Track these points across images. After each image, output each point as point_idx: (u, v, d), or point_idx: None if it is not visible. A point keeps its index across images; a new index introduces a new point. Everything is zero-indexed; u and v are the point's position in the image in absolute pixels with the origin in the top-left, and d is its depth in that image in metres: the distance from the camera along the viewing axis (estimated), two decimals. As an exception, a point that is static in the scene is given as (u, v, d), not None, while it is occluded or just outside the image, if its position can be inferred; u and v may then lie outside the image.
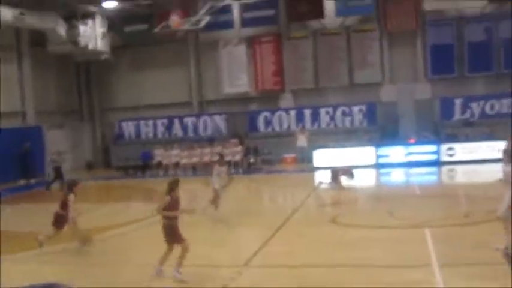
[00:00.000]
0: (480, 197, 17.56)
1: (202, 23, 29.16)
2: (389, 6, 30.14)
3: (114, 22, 31.86)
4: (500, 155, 25.28)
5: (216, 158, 18.39)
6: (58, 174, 24.80)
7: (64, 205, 12.43)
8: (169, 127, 33.12)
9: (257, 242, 12.50)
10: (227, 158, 27.82)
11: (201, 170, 27.86)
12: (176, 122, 33.05)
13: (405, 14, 29.96)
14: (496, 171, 24.03)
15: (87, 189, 24.30)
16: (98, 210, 18.85)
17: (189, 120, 32.94)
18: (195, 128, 32.74)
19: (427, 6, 29.45)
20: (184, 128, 32.89)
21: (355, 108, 30.50)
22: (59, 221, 12.45)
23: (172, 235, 9.98)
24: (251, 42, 32.76)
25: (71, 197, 12.41)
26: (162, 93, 33.78)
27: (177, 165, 28.66)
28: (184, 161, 28.62)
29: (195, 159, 28.54)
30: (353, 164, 22.66)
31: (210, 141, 29.86)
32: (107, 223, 15.98)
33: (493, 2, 29.21)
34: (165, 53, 33.72)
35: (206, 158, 28.19)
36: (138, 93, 34.26)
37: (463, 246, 11.27)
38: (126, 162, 30.71)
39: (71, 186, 12.71)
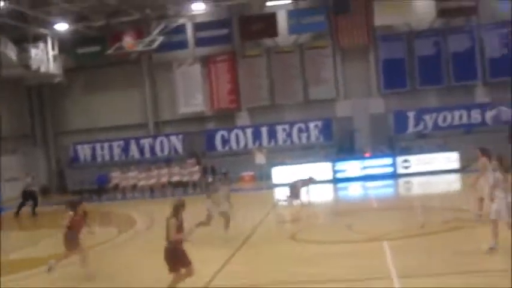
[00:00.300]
0: (436, 207, 17.88)
1: (156, 44, 29.11)
2: (341, 23, 30.60)
3: (67, 44, 31.50)
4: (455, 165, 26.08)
5: (219, 177, 17.31)
6: (31, 197, 24.30)
7: (71, 225, 11.75)
8: (125, 149, 32.75)
9: (218, 261, 12.39)
10: (184, 179, 27.76)
11: (158, 191, 27.67)
12: (132, 143, 32.73)
13: (357, 30, 30.46)
14: (451, 182, 24.63)
15: (43, 215, 23.81)
16: (54, 236, 18.38)
17: (146, 142, 32.66)
18: (152, 149, 32.47)
19: (378, 21, 30.02)
20: (141, 149, 32.58)
21: (311, 125, 30.73)
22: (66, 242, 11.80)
23: (176, 259, 9.31)
24: (206, 61, 32.78)
25: (68, 214, 11.73)
26: (117, 115, 33.46)
27: (134, 187, 28.32)
28: (141, 183, 28.28)
29: (152, 181, 28.24)
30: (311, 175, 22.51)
31: (167, 162, 29.63)
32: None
33: (441, 16, 30.00)
34: (119, 74, 33.47)
35: (164, 179, 28.01)
36: (92, 115, 33.83)
37: (421, 257, 11.39)
38: (81, 186, 30.18)
39: (74, 205, 12.03)
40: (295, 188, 20.31)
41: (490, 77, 29.91)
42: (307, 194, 20.69)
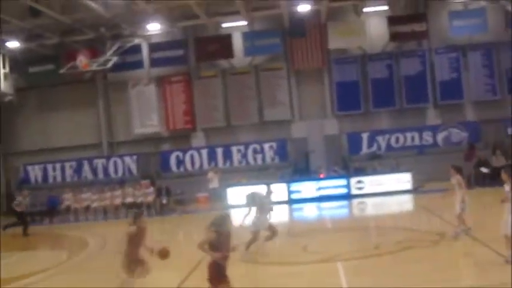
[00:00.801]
0: (390, 228, 18.07)
1: (110, 63, 28.83)
2: (296, 45, 30.94)
3: (19, 63, 30.92)
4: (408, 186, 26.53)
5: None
6: (21, 218, 23.87)
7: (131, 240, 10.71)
8: (78, 170, 32.23)
9: (172, 283, 12.22)
10: (138, 200, 27.38)
11: (112, 213, 27.24)
12: (85, 164, 32.22)
13: (311, 53, 30.84)
14: (403, 202, 24.98)
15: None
16: (2, 260, 17.88)
17: (99, 162, 32.20)
18: (105, 170, 32.03)
19: (332, 44, 30.49)
20: (94, 170, 32.10)
21: (266, 146, 30.87)
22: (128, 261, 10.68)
23: (218, 275, 8.82)
24: (161, 82, 32.66)
25: (132, 229, 10.65)
26: (70, 135, 32.96)
27: (87, 209, 27.81)
28: (94, 204, 27.81)
29: (105, 202, 27.78)
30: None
31: (121, 183, 29.25)
32: (13, 274, 15.12)
33: (393, 40, 30.66)
34: (73, 93, 33.01)
35: (117, 201, 27.58)
36: (44, 135, 33.21)
37: (375, 277, 11.47)
38: (32, 208, 29.40)
39: (135, 218, 10.96)
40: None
41: (440, 99, 30.64)
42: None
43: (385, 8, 30.62)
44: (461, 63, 30.61)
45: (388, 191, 26.34)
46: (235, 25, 31.17)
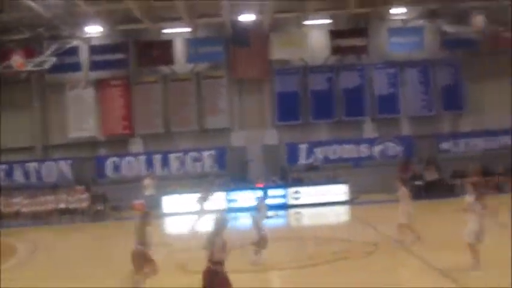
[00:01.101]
0: (325, 238, 18.21)
1: (47, 64, 28.05)
2: (238, 54, 30.96)
3: None
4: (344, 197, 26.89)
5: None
6: None
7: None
8: (9, 173, 31.09)
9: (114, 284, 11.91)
10: (72, 206, 26.70)
11: (43, 218, 26.45)
12: (17, 167, 31.13)
13: (254, 62, 30.92)
14: (339, 213, 25.28)
15: None
16: None
17: (31, 166, 31.19)
18: (38, 174, 31.05)
19: (274, 55, 30.69)
20: (26, 174, 31.06)
21: (205, 154, 30.67)
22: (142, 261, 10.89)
23: (217, 283, 8.73)
24: (99, 85, 31.99)
25: (147, 229, 10.87)
26: (3, 137, 31.76)
27: (17, 214, 26.91)
28: (25, 209, 26.94)
29: (37, 207, 26.95)
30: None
31: (54, 188, 28.47)
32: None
33: (334, 54, 31.10)
34: (7, 94, 31.82)
35: (50, 206, 26.82)
36: (-26, 137, 31.94)
37: (310, 286, 11.50)
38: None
39: (145, 217, 11.12)
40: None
41: (378, 113, 31.26)
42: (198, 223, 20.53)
43: (328, 21, 31.02)
44: (399, 78, 31.37)
45: (324, 202, 26.60)
46: (177, 31, 30.95)
